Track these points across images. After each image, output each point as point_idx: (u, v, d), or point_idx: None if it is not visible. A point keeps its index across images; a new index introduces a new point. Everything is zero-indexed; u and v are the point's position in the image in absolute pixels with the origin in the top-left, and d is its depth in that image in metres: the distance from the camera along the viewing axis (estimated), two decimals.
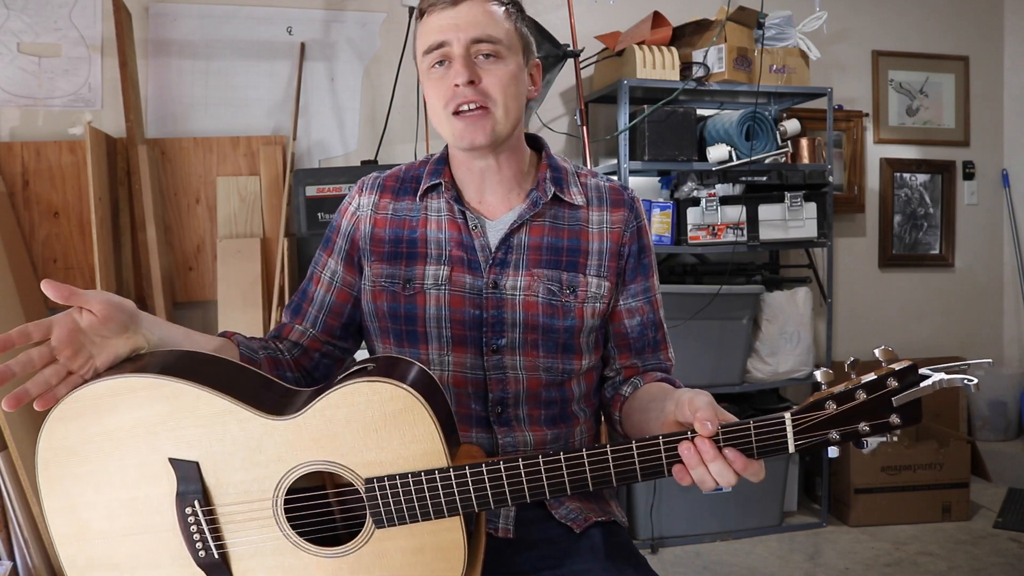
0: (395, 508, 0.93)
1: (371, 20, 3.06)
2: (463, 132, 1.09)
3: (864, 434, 0.88)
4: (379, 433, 0.93)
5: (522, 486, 0.92)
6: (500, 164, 1.16)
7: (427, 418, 0.93)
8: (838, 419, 0.88)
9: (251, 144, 2.90)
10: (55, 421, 0.98)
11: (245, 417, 0.96)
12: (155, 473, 0.96)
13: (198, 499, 0.95)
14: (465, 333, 1.14)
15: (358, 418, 0.94)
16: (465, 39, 1.08)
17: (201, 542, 0.96)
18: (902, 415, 0.87)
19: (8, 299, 2.47)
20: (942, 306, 3.85)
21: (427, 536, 0.95)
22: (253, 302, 2.76)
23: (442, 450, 0.93)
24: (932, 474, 2.99)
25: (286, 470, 0.96)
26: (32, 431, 2.33)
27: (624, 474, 0.91)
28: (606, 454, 0.91)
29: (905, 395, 0.87)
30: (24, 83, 2.76)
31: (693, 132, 2.95)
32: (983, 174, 3.89)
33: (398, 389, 0.93)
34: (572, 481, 0.91)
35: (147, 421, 0.96)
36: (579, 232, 1.18)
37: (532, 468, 0.91)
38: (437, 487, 0.92)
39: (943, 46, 3.79)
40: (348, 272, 1.21)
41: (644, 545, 2.83)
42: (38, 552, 2.29)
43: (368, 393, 0.93)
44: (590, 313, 1.16)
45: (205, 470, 0.96)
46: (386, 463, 0.94)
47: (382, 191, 1.22)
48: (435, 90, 1.11)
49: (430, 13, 1.10)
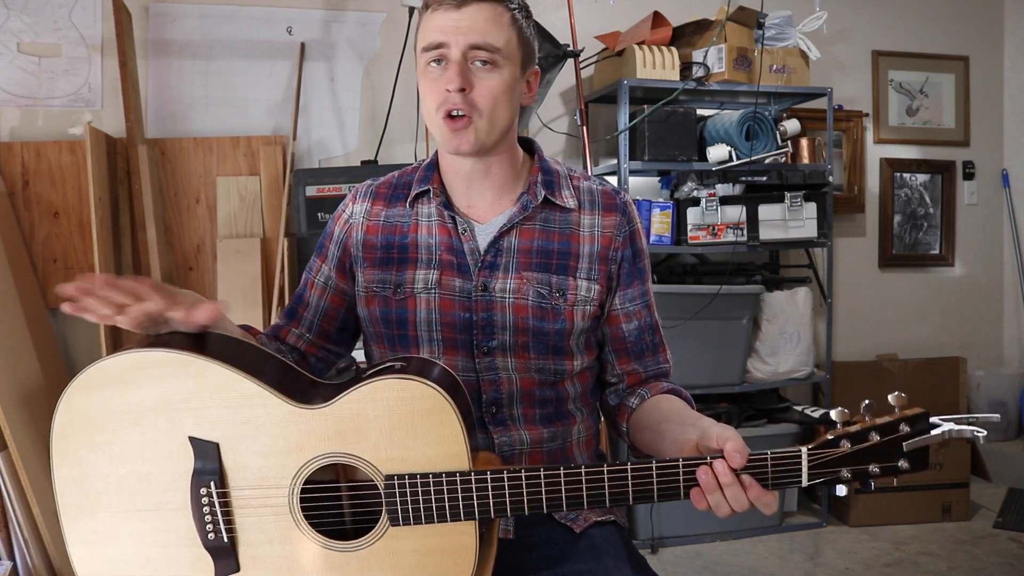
0: (412, 507, 0.94)
1: (371, 20, 3.06)
2: (449, 137, 1.10)
3: (873, 476, 0.91)
4: (405, 431, 0.94)
5: (540, 496, 0.93)
6: (489, 168, 1.16)
7: (455, 420, 0.93)
8: (851, 459, 0.91)
9: (251, 144, 2.90)
10: (77, 390, 0.97)
11: (272, 402, 0.96)
12: (173, 451, 0.96)
13: (214, 480, 0.95)
14: (456, 336, 1.14)
15: (385, 414, 0.94)
16: (464, 44, 1.07)
17: (212, 524, 0.96)
18: (911, 461, 0.91)
19: (8, 299, 2.47)
20: (942, 306, 3.85)
21: (439, 538, 0.95)
22: (253, 302, 2.76)
23: (466, 453, 0.93)
24: (932, 474, 2.99)
25: (307, 459, 0.96)
26: (32, 431, 2.33)
27: (641, 493, 0.92)
28: (626, 472, 0.92)
29: (915, 441, 0.90)
30: (24, 83, 2.76)
31: (693, 132, 2.95)
32: (983, 174, 3.89)
33: (429, 388, 0.93)
34: (590, 495, 0.93)
35: (171, 398, 0.96)
36: (570, 235, 1.18)
37: (552, 480, 0.93)
38: (457, 490, 0.93)
39: (943, 46, 3.79)
40: (340, 278, 1.22)
41: (644, 545, 2.83)
42: (38, 552, 2.29)
43: (399, 390, 0.94)
44: (580, 316, 1.16)
45: (224, 452, 0.96)
46: (408, 461, 0.94)
47: (375, 198, 1.22)
48: (429, 89, 1.11)
49: (435, 9, 1.09)
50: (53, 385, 2.53)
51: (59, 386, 2.76)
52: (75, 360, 2.77)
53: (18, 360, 2.40)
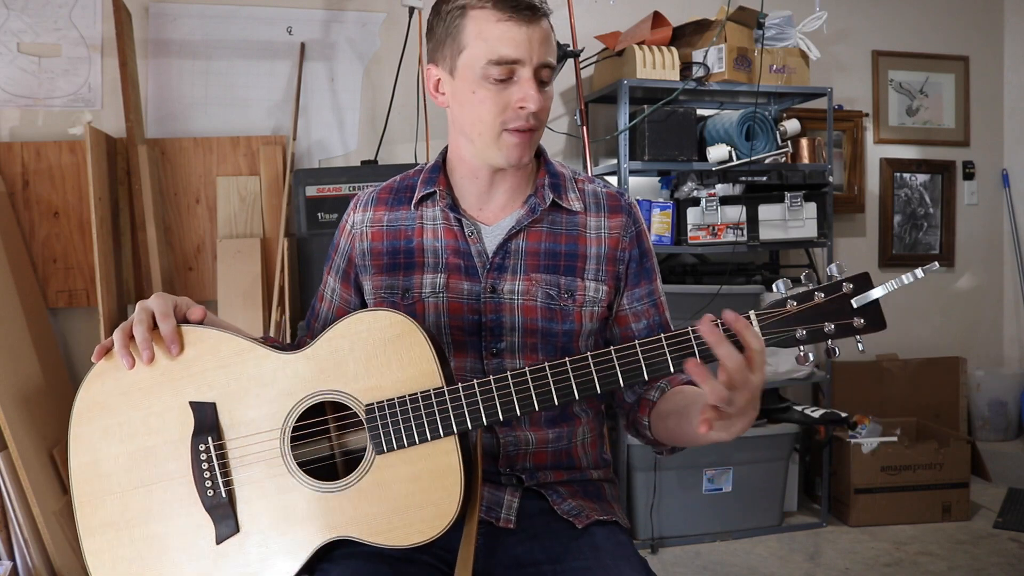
0: (394, 431, 0.97)
1: (371, 20, 3.06)
2: (512, 150, 1.10)
3: (830, 334, 0.95)
4: (379, 359, 0.99)
5: (512, 399, 0.97)
6: (506, 173, 1.17)
7: (422, 340, 0.99)
8: (801, 317, 0.96)
9: (251, 144, 2.90)
10: (93, 378, 1.03)
11: (262, 354, 1.01)
12: (176, 419, 1.01)
13: (211, 435, 1.00)
14: (465, 338, 1.15)
15: (360, 346, 0.99)
16: (537, 62, 1.07)
17: (210, 480, 1.00)
18: (865, 317, 0.95)
19: (8, 299, 2.47)
20: (942, 306, 3.85)
21: (424, 462, 0.98)
22: (253, 302, 2.76)
23: (436, 370, 0.98)
24: (932, 474, 2.99)
25: (294, 403, 1.00)
26: (32, 431, 2.33)
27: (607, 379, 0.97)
28: (587, 361, 0.97)
29: (862, 296, 0.95)
30: (24, 83, 2.76)
31: (693, 132, 2.95)
32: (983, 174, 3.89)
33: (395, 315, 0.99)
34: (559, 389, 0.97)
35: (172, 368, 1.01)
36: (577, 237, 1.18)
37: (520, 381, 0.98)
38: (432, 406, 0.97)
39: (943, 46, 3.79)
40: (345, 289, 1.24)
41: (644, 545, 2.83)
42: (38, 552, 2.29)
43: (369, 321, 1.00)
44: (588, 317, 1.17)
45: (221, 410, 1.01)
46: (386, 387, 0.99)
47: (376, 204, 1.23)
48: (491, 103, 1.08)
49: (503, 20, 1.05)
50: (53, 385, 2.53)
51: (59, 386, 2.77)
52: (75, 360, 2.77)
53: (18, 360, 2.40)
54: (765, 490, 2.96)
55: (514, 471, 1.15)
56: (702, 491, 2.89)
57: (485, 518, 1.11)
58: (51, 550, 2.29)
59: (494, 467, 1.15)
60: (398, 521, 0.97)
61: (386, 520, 0.97)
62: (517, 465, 1.15)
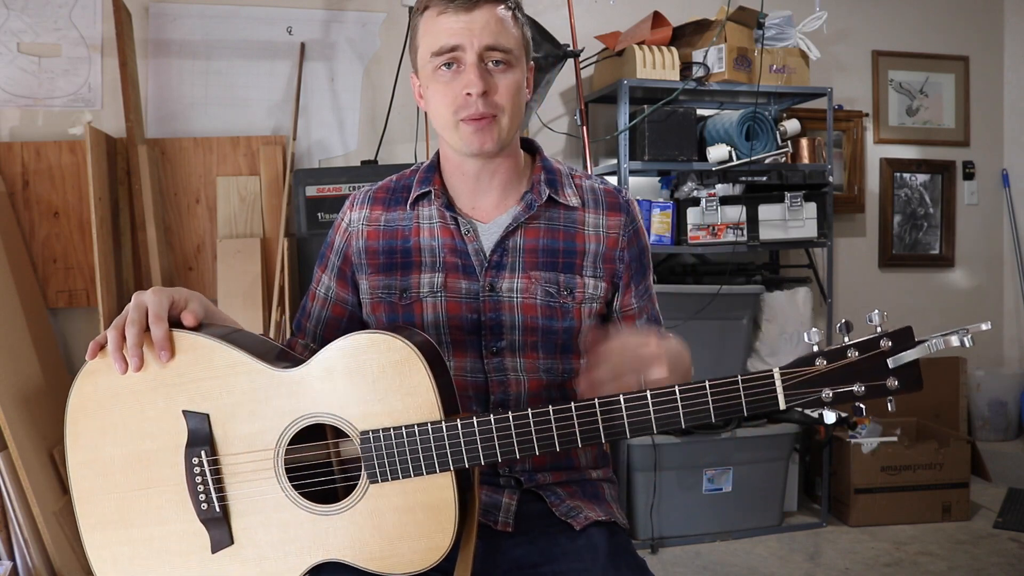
0: (388, 462, 0.95)
1: (371, 20, 3.06)
2: (471, 138, 1.09)
3: (860, 396, 0.85)
4: (376, 384, 0.95)
5: (511, 441, 0.94)
6: (496, 168, 1.16)
7: (422, 369, 0.94)
8: (830, 377, 0.86)
9: (251, 144, 2.90)
10: (86, 376, 1.01)
11: (255, 369, 0.98)
12: (170, 426, 0.99)
13: (205, 450, 0.98)
14: (464, 338, 1.15)
15: (356, 369, 0.96)
16: (479, 46, 1.07)
17: (204, 494, 0.98)
18: (900, 379, 0.85)
19: (8, 299, 2.47)
20: (942, 306, 3.85)
21: (419, 495, 0.96)
22: (253, 302, 2.76)
23: (435, 402, 0.95)
24: (932, 474, 2.99)
25: (288, 423, 0.98)
26: (32, 431, 2.33)
27: (612, 429, 0.93)
28: (594, 407, 0.93)
29: (900, 356, 0.84)
30: (24, 83, 2.76)
31: (693, 132, 2.95)
32: (983, 174, 3.89)
33: (396, 341, 0.95)
34: (561, 436, 0.94)
35: (165, 373, 0.99)
36: (574, 234, 1.18)
37: (522, 425, 0.94)
38: (429, 440, 0.94)
39: (943, 46, 3.79)
40: (341, 288, 1.23)
41: (644, 545, 2.83)
42: (38, 552, 2.29)
43: (367, 344, 0.96)
44: (587, 313, 1.16)
45: (214, 422, 0.99)
46: (382, 415, 0.95)
47: (373, 203, 1.22)
48: (442, 94, 1.09)
49: (441, 12, 1.07)
50: (53, 385, 2.53)
51: (59, 386, 2.77)
52: (75, 360, 2.77)
53: (18, 360, 2.40)
54: (765, 490, 2.96)
55: (513, 473, 1.15)
56: (702, 491, 2.88)
57: (483, 521, 1.10)
58: (51, 550, 2.29)
59: (493, 469, 1.14)
60: (390, 551, 0.96)
61: (379, 548, 0.96)
62: (516, 467, 1.15)
